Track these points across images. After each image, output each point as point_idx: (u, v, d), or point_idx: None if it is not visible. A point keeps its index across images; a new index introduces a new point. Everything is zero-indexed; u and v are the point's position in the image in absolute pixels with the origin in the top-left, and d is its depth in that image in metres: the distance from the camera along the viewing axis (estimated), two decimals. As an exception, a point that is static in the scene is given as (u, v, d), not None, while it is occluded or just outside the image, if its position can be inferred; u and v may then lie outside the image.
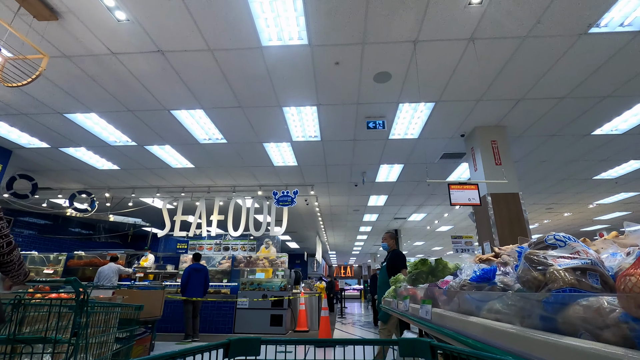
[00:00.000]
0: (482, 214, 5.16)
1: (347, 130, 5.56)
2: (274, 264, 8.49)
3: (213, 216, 8.63)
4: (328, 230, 15.12)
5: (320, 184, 8.45)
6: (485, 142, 5.31)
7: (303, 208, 10.76)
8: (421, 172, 7.54)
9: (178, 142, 6.06)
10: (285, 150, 6.41)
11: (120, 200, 9.50)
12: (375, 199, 9.85)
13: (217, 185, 8.55)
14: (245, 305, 7.34)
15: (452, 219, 12.51)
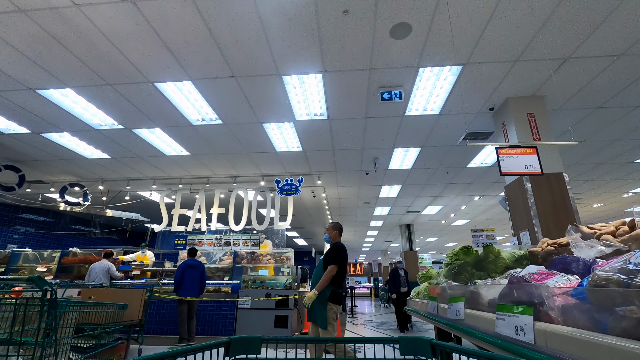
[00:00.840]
0: (517, 199, 4.40)
1: (357, 105, 4.85)
2: (278, 260, 7.84)
3: (213, 209, 8.03)
4: (337, 226, 14.41)
5: (327, 173, 7.76)
6: (520, 115, 4.54)
7: (310, 200, 10.09)
8: (440, 157, 6.77)
9: (169, 124, 5.44)
10: (287, 132, 5.73)
11: (116, 194, 8.98)
12: (388, 190, 9.10)
13: (216, 175, 7.93)
14: (247, 305, 6.71)
15: (470, 212, 11.68)
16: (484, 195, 9.60)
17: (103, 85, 4.39)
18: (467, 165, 7.21)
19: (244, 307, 6.73)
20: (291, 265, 7.78)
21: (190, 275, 5.63)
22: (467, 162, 7.08)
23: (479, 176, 7.91)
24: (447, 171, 7.58)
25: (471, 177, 8.01)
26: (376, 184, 8.58)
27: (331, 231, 3.64)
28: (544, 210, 4.04)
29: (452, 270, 1.92)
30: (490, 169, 7.44)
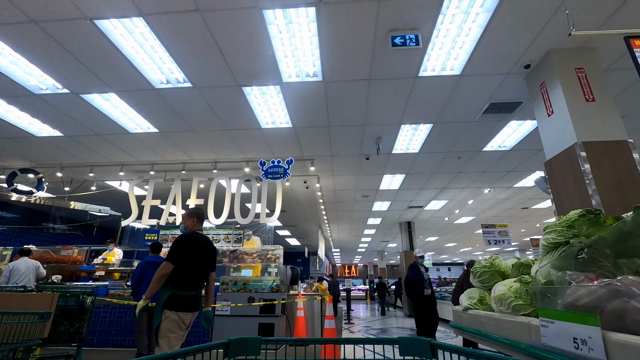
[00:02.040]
0: (566, 176, 3.43)
1: (360, 60, 3.85)
2: (265, 259, 6.79)
3: (190, 200, 6.96)
4: (332, 223, 13.41)
5: (322, 158, 6.74)
6: (566, 72, 3.58)
7: (302, 193, 9.06)
8: (453, 138, 5.81)
9: (125, 88, 4.38)
10: (274, 101, 4.70)
11: (80, 183, 7.86)
12: (390, 180, 8.12)
13: (193, 160, 6.86)
14: (226, 311, 5.65)
15: (476, 208, 10.76)
16: (495, 188, 8.67)
17: (28, 23, 3.32)
18: (483, 148, 6.25)
19: (222, 314, 5.68)
20: (280, 264, 6.75)
21: (152, 275, 4.53)
22: (484, 145, 6.12)
23: (494, 163, 6.97)
24: (459, 156, 6.62)
25: (485, 165, 7.06)
26: (377, 173, 7.59)
27: (186, 219, 2.95)
28: (605, 188, 3.07)
29: (577, 254, 0.94)
30: (508, 154, 6.50)
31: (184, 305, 2.65)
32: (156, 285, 2.62)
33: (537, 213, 11.42)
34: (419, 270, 5.52)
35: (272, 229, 7.14)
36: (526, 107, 4.81)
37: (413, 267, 5.76)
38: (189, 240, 2.81)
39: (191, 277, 2.75)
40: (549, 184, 3.70)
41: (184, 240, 2.80)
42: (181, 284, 2.67)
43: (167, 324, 2.56)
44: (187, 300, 2.68)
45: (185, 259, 2.70)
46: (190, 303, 2.71)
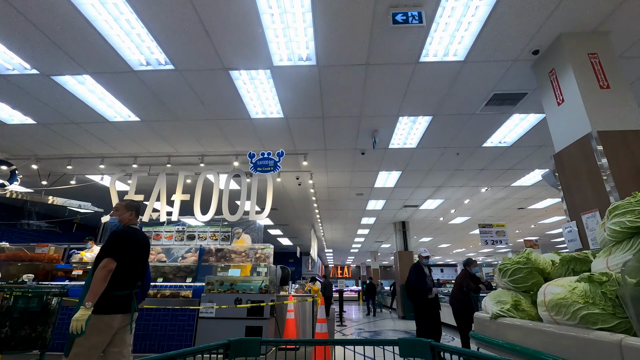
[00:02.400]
0: (579, 169, 3.17)
1: (358, 42, 3.55)
2: (254, 258, 6.44)
3: (175, 196, 6.59)
4: (325, 223, 13.10)
5: (315, 152, 6.42)
6: (578, 57, 3.33)
7: (294, 190, 8.73)
8: (453, 132, 5.54)
9: (100, 69, 4.00)
10: (264, 87, 4.37)
11: (59, 176, 7.41)
12: (385, 177, 7.84)
13: (179, 153, 6.49)
14: (211, 313, 5.29)
15: (472, 208, 10.55)
16: (492, 186, 8.45)
17: (-17, -11, 2.95)
18: (483, 144, 6.01)
19: (207, 316, 5.33)
20: (270, 264, 6.41)
21: (128, 274, 4.18)
22: (484, 140, 5.88)
23: (494, 160, 6.73)
24: (458, 152, 6.37)
25: (484, 162, 6.82)
26: (372, 169, 7.30)
27: (122, 211, 2.68)
28: (622, 180, 2.82)
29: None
30: (509, 150, 6.27)
31: (114, 306, 2.38)
32: (101, 285, 2.32)
33: (533, 214, 11.27)
34: (422, 272, 5.16)
35: (261, 228, 6.79)
36: (531, 98, 4.56)
37: (416, 267, 5.35)
38: (129, 235, 2.58)
39: (128, 274, 2.51)
40: (559, 178, 3.44)
41: (124, 235, 2.55)
42: (118, 283, 2.41)
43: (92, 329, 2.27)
44: (118, 300, 2.41)
45: (127, 255, 2.49)
46: (121, 303, 2.43)
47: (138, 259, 2.63)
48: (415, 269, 5.21)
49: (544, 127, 5.33)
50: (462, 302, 4.90)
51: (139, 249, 2.62)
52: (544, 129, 5.39)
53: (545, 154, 6.42)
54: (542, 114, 4.99)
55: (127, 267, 2.50)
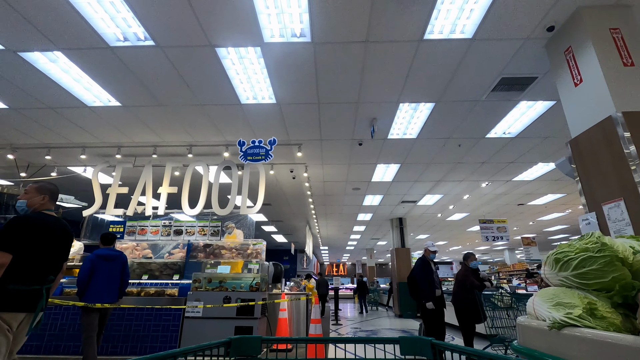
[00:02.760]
0: (600, 155, 2.88)
1: (357, 12, 3.21)
2: (245, 254, 6.10)
3: (162, 188, 6.22)
4: (320, 219, 12.79)
5: (310, 143, 6.09)
6: (599, 33, 3.03)
7: (288, 184, 8.39)
8: (456, 120, 5.24)
9: (74, 45, 3.63)
10: (254, 67, 4.03)
11: (39, 168, 7.00)
12: (383, 171, 7.53)
13: (165, 142, 6.11)
14: (198, 313, 4.96)
15: (471, 204, 10.30)
16: (493, 181, 8.19)
17: None
18: (487, 134, 5.72)
19: (194, 316, 4.99)
20: (262, 260, 6.08)
21: (104, 271, 3.82)
22: (488, 131, 5.59)
23: (497, 152, 6.45)
24: (460, 144, 6.07)
25: (486, 154, 6.54)
26: (370, 162, 6.99)
27: (33, 194, 2.33)
28: (651, 166, 2.53)
29: None
30: (513, 142, 5.99)
31: (14, 302, 2.01)
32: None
33: (533, 210, 11.05)
34: (430, 268, 4.75)
35: (253, 223, 6.46)
36: (540, 83, 4.27)
37: (423, 263, 4.84)
38: (31, 221, 2.18)
39: (34, 267, 2.13)
40: (575, 166, 3.15)
41: (25, 221, 2.16)
42: (16, 276, 2.04)
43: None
44: (19, 296, 2.03)
45: (22, 245, 2.08)
46: (24, 300, 2.05)
47: (48, 249, 2.23)
48: (423, 264, 4.73)
49: (551, 116, 5.05)
50: (466, 300, 4.59)
51: (49, 237, 2.23)
52: (552, 118, 5.11)
53: (551, 147, 6.15)
54: (551, 101, 4.70)
55: (31, 258, 2.12)
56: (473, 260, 5.04)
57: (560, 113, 4.94)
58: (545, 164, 7.11)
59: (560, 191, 9.02)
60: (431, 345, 0.80)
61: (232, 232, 6.23)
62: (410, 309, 10.92)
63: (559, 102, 4.71)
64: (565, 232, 15.75)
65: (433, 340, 0.82)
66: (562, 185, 8.51)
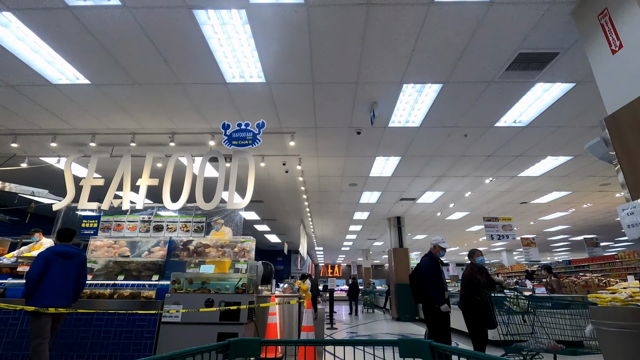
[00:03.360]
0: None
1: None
2: (232, 253, 5.57)
3: (142, 180, 5.68)
4: (315, 218, 12.28)
5: (304, 132, 5.59)
6: (642, -12, 2.57)
7: (281, 179, 7.87)
8: (465, 105, 4.78)
9: (25, 5, 3.08)
10: (239, 36, 3.51)
11: (7, 158, 6.40)
12: (382, 164, 7.05)
13: (145, 129, 5.57)
14: (177, 318, 4.41)
15: (473, 202, 9.87)
16: (497, 177, 7.75)
17: None
18: (496, 123, 5.26)
19: (172, 321, 4.45)
20: (251, 259, 5.55)
21: (59, 270, 3.27)
22: (498, 118, 5.13)
23: (504, 144, 6.01)
24: (466, 134, 5.61)
25: (493, 146, 6.09)
26: (368, 154, 6.50)
27: None
28: None
29: None
30: (524, 132, 5.54)
31: None
32: None
33: (535, 209, 10.66)
34: (439, 268, 4.12)
35: (241, 219, 5.91)
36: (561, 61, 3.81)
37: (432, 260, 4.08)
38: None
39: None
40: (613, 146, 2.68)
41: None
42: None
43: None
44: None
45: None
46: None
47: None
48: (431, 263, 4.03)
49: (569, 101, 4.61)
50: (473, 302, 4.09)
51: None
52: (569, 103, 4.67)
53: (563, 137, 5.71)
54: (570, 83, 4.26)
55: None
56: (479, 256, 4.53)
57: (579, 97, 4.51)
58: (555, 158, 6.68)
59: (566, 188, 8.62)
60: (430, 348, 0.80)
61: (220, 228, 5.69)
62: (409, 312, 10.43)
63: (578, 85, 4.27)
64: (566, 233, 15.41)
65: (432, 343, 0.81)
66: (568, 182, 8.11)
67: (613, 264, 12.30)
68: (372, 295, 16.03)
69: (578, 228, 14.25)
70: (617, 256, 12.19)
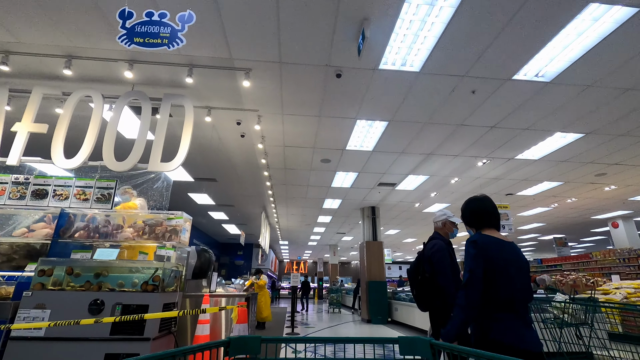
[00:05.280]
0: None
1: None
2: (157, 235, 3.91)
3: (21, 124, 3.89)
4: (280, 205, 10.73)
5: (264, 68, 4.05)
6: None
7: (236, 148, 6.27)
8: (484, 38, 3.49)
9: None
10: None
11: None
12: (364, 133, 5.69)
13: (24, 45, 3.75)
14: (38, 331, 2.74)
15: (457, 190, 8.85)
16: (492, 159, 6.69)
17: None
18: (515, 75, 4.06)
19: (29, 336, 2.77)
20: (182, 244, 3.94)
21: None
22: (520, 66, 3.93)
23: (515, 110, 4.87)
24: (475, 89, 4.38)
25: (501, 111, 4.93)
26: (348, 115, 5.09)
27: None
28: None
29: None
30: (542, 93, 4.42)
31: None
32: None
33: (519, 202, 9.89)
34: (454, 255, 2.72)
35: (169, 186, 4.19)
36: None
37: (447, 245, 2.70)
38: None
39: None
40: None
41: None
42: None
43: None
44: None
45: None
46: None
47: None
48: (445, 249, 2.63)
49: (622, 39, 3.48)
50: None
51: None
52: (621, 41, 3.54)
53: (585, 103, 4.66)
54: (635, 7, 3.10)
55: None
56: None
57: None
58: (563, 136, 5.69)
59: (558, 178, 7.80)
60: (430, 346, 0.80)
61: (129, 199, 4.00)
62: (381, 313, 9.23)
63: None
64: (537, 232, 15.11)
65: (432, 341, 0.81)
66: (564, 170, 7.26)
67: (587, 263, 11.97)
68: (338, 293, 14.78)
69: (551, 227, 13.91)
70: (591, 255, 11.86)
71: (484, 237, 1.67)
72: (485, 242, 1.63)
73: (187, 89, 4.40)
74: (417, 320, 7.56)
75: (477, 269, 1.58)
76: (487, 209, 1.78)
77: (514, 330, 1.49)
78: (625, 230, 11.42)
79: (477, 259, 1.60)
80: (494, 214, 1.77)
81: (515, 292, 1.54)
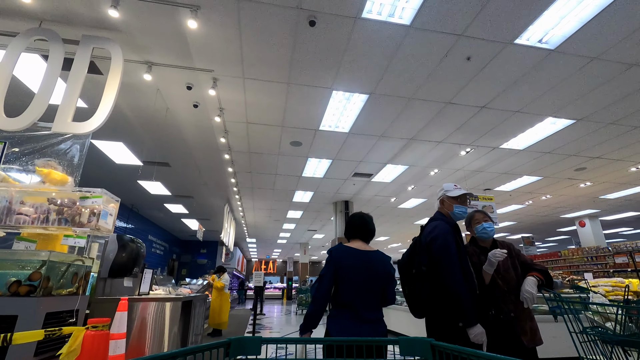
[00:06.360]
0: None
1: None
2: (67, 218, 2.89)
3: None
4: (245, 198, 9.76)
5: (217, 1, 3.16)
6: None
7: (190, 122, 5.29)
8: None
9: None
10: None
11: None
12: (341, 107, 4.93)
13: None
14: None
15: (435, 184, 8.35)
16: (477, 147, 6.19)
17: None
18: (517, 39, 3.48)
19: None
20: (100, 231, 2.95)
21: None
22: (524, 27, 3.34)
23: (510, 85, 4.32)
24: (470, 55, 3.76)
25: (495, 87, 4.36)
26: (322, 84, 4.30)
27: None
28: None
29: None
30: (544, 63, 3.88)
31: None
32: None
33: (496, 199, 9.59)
34: (462, 242, 1.99)
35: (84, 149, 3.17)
36: None
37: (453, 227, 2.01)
38: None
39: None
40: None
41: None
42: None
43: None
44: None
45: None
46: None
47: None
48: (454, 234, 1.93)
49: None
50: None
51: None
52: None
53: (587, 80, 4.20)
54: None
55: None
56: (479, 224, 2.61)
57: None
58: (553, 122, 5.27)
59: (538, 173, 7.50)
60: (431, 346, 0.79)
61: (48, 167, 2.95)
62: (353, 315, 8.50)
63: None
64: (507, 231, 15.17)
65: (432, 341, 0.80)
66: (545, 164, 6.95)
67: (556, 261, 12.04)
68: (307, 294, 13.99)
69: (520, 226, 13.98)
70: (560, 254, 11.94)
71: (338, 247, 1.90)
72: (338, 252, 1.88)
73: (117, 33, 3.41)
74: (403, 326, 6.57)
75: (328, 273, 1.84)
76: (355, 223, 2.00)
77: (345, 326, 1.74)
78: (591, 229, 11.57)
79: (329, 265, 1.86)
80: (361, 227, 1.97)
81: (356, 294, 1.78)
